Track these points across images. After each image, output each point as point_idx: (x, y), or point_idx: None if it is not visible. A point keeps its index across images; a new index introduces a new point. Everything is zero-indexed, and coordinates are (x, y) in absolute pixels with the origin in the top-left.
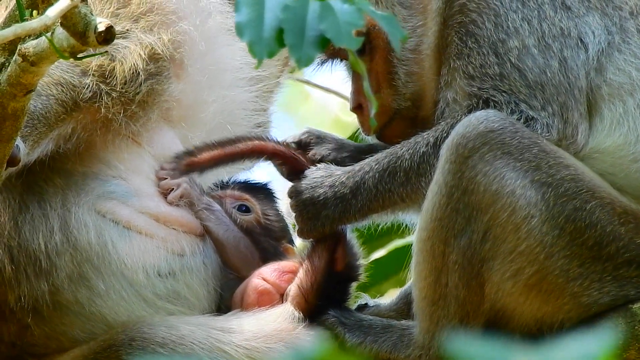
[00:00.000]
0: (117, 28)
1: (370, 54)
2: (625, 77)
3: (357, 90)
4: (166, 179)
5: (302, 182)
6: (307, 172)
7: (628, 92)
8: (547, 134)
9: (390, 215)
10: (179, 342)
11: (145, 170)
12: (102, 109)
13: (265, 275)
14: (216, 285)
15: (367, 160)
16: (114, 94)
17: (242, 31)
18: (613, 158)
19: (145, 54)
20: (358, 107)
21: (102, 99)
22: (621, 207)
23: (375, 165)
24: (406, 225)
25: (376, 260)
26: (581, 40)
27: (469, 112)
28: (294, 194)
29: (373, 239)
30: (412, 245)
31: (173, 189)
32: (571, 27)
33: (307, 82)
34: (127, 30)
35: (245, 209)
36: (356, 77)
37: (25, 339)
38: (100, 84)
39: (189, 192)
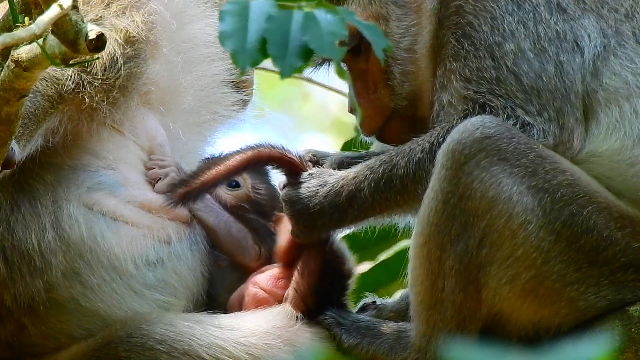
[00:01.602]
0: (90, 16)
1: (365, 55)
2: (621, 82)
3: (354, 92)
4: (154, 168)
5: (297, 190)
6: (301, 178)
7: (624, 96)
8: (543, 140)
9: (388, 219)
10: (177, 339)
11: (130, 159)
12: (86, 99)
13: (261, 284)
14: (204, 270)
15: (360, 167)
16: (95, 83)
17: (225, 41)
18: (610, 162)
19: (121, 38)
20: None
21: (85, 88)
22: (618, 212)
23: (370, 174)
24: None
25: (383, 261)
26: (577, 43)
27: (465, 116)
28: (288, 202)
29: (380, 241)
30: None
31: (161, 178)
32: (567, 30)
33: (308, 80)
34: (100, 17)
35: (235, 184)
36: (353, 79)
37: (22, 339)
38: (82, 74)
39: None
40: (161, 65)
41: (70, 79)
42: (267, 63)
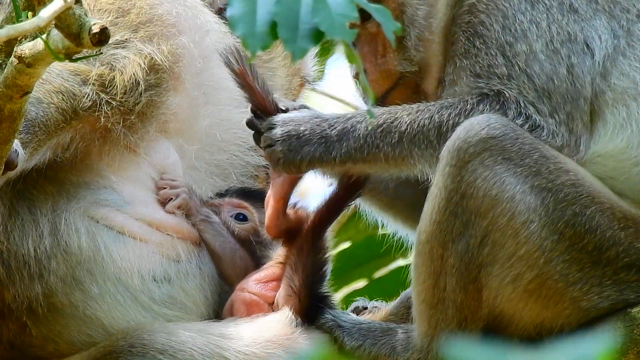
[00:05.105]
0: (116, 37)
1: None
2: (629, 82)
3: (361, 57)
4: (165, 188)
5: (290, 114)
6: (294, 106)
7: (632, 96)
8: (552, 140)
9: (366, 171)
10: (178, 349)
11: (141, 178)
12: (102, 119)
13: (250, 289)
14: (212, 290)
15: (361, 110)
16: (113, 103)
17: (235, 25)
18: (614, 162)
19: (144, 64)
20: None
21: (101, 108)
22: (621, 212)
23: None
24: (408, 246)
25: (379, 279)
26: (587, 45)
27: (479, 101)
28: (279, 123)
29: (376, 259)
30: None
31: (172, 198)
32: (577, 32)
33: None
34: (126, 39)
35: (242, 218)
36: (360, 45)
37: (24, 338)
38: (100, 93)
39: (188, 202)
40: (182, 98)
41: (87, 97)
42: None
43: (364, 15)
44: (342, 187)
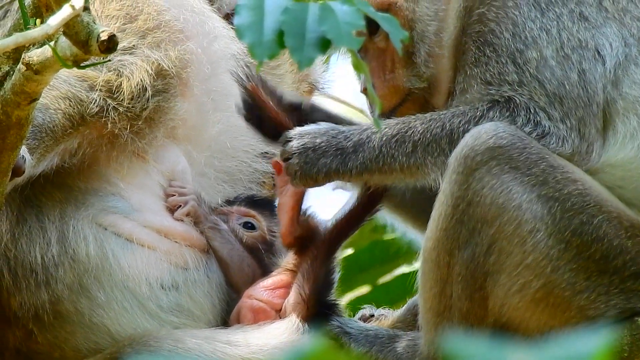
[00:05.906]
0: (124, 44)
1: (386, 33)
2: None
3: (369, 71)
4: (174, 195)
5: (306, 127)
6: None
7: None
8: (561, 147)
9: (382, 181)
10: (185, 355)
11: (150, 185)
12: (109, 124)
13: (257, 296)
14: (220, 298)
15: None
16: (120, 109)
17: (242, 34)
18: (623, 171)
19: (152, 70)
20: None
21: (108, 114)
22: (628, 221)
23: (385, 128)
24: (414, 252)
25: (383, 284)
26: (598, 52)
27: (490, 107)
28: (295, 136)
29: (380, 264)
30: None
31: (180, 205)
32: (588, 39)
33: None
34: (134, 46)
35: (250, 226)
36: (368, 60)
37: (30, 345)
38: (107, 99)
39: (196, 210)
40: (190, 104)
41: (94, 102)
42: None
43: (372, 29)
44: (362, 200)
